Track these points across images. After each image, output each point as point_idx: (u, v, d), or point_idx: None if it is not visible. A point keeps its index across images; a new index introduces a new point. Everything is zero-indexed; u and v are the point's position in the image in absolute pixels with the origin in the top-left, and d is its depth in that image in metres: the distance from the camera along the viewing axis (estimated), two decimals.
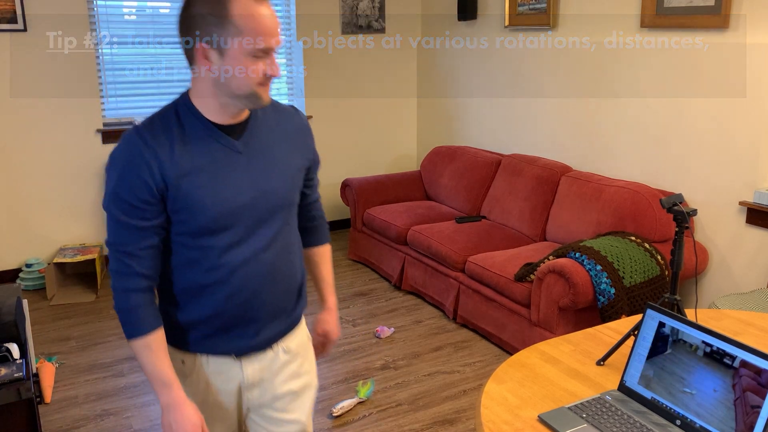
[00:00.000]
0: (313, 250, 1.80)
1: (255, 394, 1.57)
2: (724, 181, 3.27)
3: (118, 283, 1.38)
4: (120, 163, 1.34)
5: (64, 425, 2.81)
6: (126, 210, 1.34)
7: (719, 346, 1.40)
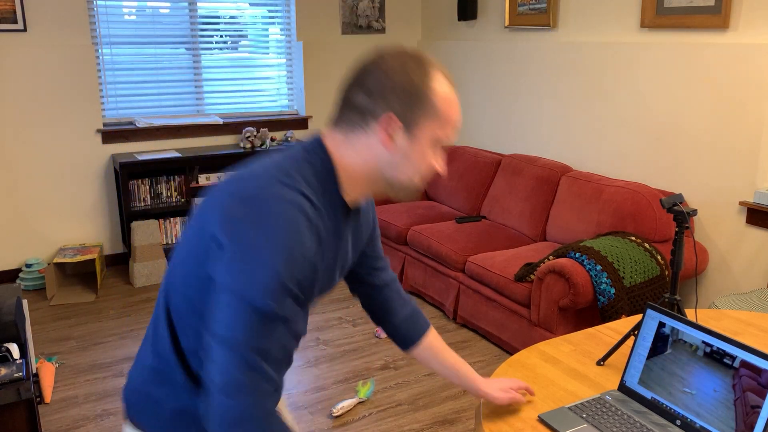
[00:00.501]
0: (426, 339, 1.48)
1: None
2: (724, 181, 3.27)
3: (250, 394, 1.01)
4: (284, 235, 1.02)
5: (64, 425, 2.81)
6: (283, 300, 1.03)
7: (719, 346, 1.40)
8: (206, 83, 4.92)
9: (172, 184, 4.56)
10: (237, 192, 1.07)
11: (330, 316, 3.88)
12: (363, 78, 1.12)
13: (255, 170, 1.12)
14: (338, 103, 1.17)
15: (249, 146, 4.76)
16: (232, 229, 1.03)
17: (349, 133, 1.14)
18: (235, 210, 1.04)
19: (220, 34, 4.89)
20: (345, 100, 1.14)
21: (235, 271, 1.01)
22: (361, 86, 1.12)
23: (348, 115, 1.13)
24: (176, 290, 1.13)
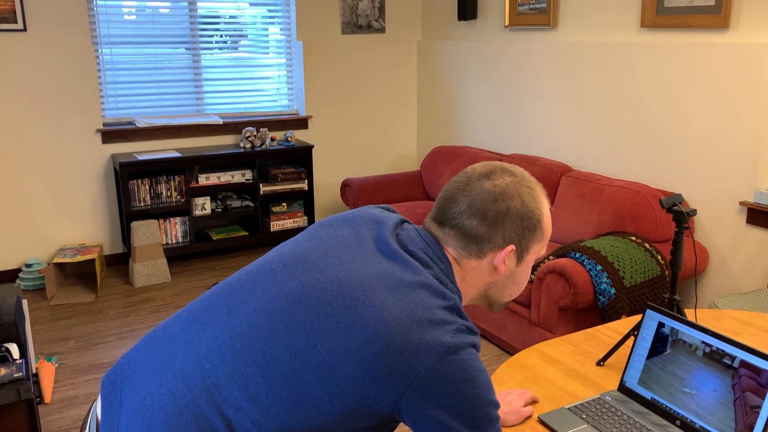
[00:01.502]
0: None
1: None
2: (724, 181, 3.27)
3: None
4: (484, 375, 1.00)
5: (64, 425, 2.81)
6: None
7: (719, 347, 1.39)
8: (206, 83, 4.92)
9: (172, 184, 4.56)
10: (434, 346, 0.96)
11: None
12: (475, 202, 1.10)
13: (430, 300, 1.01)
14: (442, 220, 1.13)
15: (249, 146, 4.76)
16: (446, 398, 0.96)
17: (462, 256, 1.12)
18: (444, 371, 0.96)
19: (220, 34, 4.89)
20: (455, 224, 1.11)
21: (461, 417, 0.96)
22: (475, 212, 1.09)
23: (460, 240, 1.11)
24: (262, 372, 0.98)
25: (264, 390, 0.97)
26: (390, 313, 0.97)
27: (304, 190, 4.97)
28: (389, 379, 0.94)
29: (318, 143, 5.31)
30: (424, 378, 0.94)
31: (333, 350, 0.95)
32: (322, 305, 0.99)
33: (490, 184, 1.10)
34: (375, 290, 1.00)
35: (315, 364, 0.95)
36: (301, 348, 0.97)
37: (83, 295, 4.20)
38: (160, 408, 1.01)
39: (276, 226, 4.95)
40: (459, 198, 1.11)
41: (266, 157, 4.80)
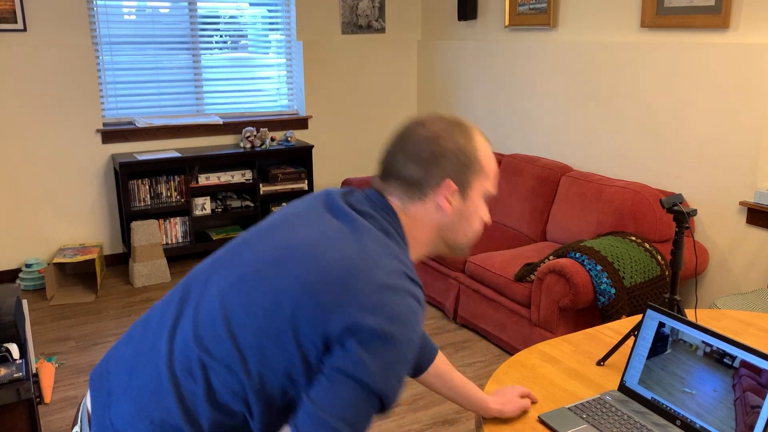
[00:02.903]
0: (435, 365, 1.53)
1: None
2: (724, 181, 3.27)
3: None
4: (414, 333, 1.03)
5: (64, 425, 2.80)
6: (398, 387, 1.04)
7: (719, 346, 1.39)
8: (206, 83, 4.92)
9: (172, 184, 4.56)
10: (384, 275, 1.02)
11: None
12: (411, 148, 1.15)
13: (381, 246, 1.07)
14: (385, 174, 1.18)
15: (249, 146, 4.76)
16: (392, 321, 1.00)
17: (407, 204, 1.16)
18: (393, 300, 1.01)
19: (220, 34, 4.89)
20: (395, 174, 1.16)
21: (381, 365, 1.00)
22: (411, 157, 1.15)
23: (402, 188, 1.16)
24: (239, 329, 1.05)
25: (230, 351, 1.04)
26: (334, 257, 1.03)
27: (304, 190, 4.97)
28: (323, 310, 0.99)
29: (318, 143, 5.31)
30: (376, 290, 1.00)
31: (276, 293, 1.03)
32: (273, 263, 1.06)
33: (424, 130, 1.16)
34: (322, 243, 1.06)
35: (266, 312, 1.02)
36: (256, 303, 1.04)
37: (83, 295, 4.20)
38: (145, 386, 1.08)
39: None
40: (396, 151, 1.17)
41: (266, 157, 4.80)
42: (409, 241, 1.17)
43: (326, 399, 0.99)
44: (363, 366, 0.98)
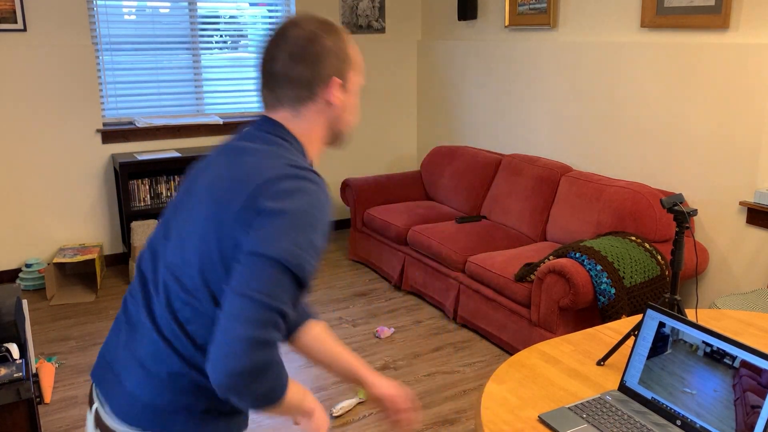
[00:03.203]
0: (310, 328, 1.56)
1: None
2: (724, 181, 3.27)
3: (266, 335, 1.06)
4: (325, 210, 1.16)
5: (64, 425, 2.81)
6: (309, 260, 1.12)
7: (719, 346, 1.39)
8: (206, 83, 4.92)
9: (172, 184, 4.56)
10: (274, 171, 1.15)
11: (330, 316, 3.88)
12: (293, 49, 1.22)
13: (271, 155, 1.19)
14: (271, 81, 1.25)
15: None
16: (282, 198, 1.11)
17: (298, 107, 1.25)
18: (282, 185, 1.13)
19: (220, 34, 4.89)
20: (283, 77, 1.23)
21: (281, 237, 1.09)
22: (296, 58, 1.22)
23: (292, 91, 1.24)
24: (187, 274, 1.17)
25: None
26: (236, 173, 1.17)
27: None
28: (233, 216, 1.13)
29: None
30: (267, 182, 1.13)
31: (203, 221, 1.17)
32: (196, 204, 1.21)
33: (301, 31, 1.23)
34: (227, 170, 1.20)
35: (204, 217, 1.17)
36: (191, 235, 1.19)
37: (83, 295, 4.20)
38: (146, 354, 1.21)
39: None
40: (277, 54, 1.23)
41: None
42: (304, 143, 1.27)
43: (242, 279, 1.07)
44: (268, 242, 1.08)
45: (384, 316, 3.87)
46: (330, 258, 4.89)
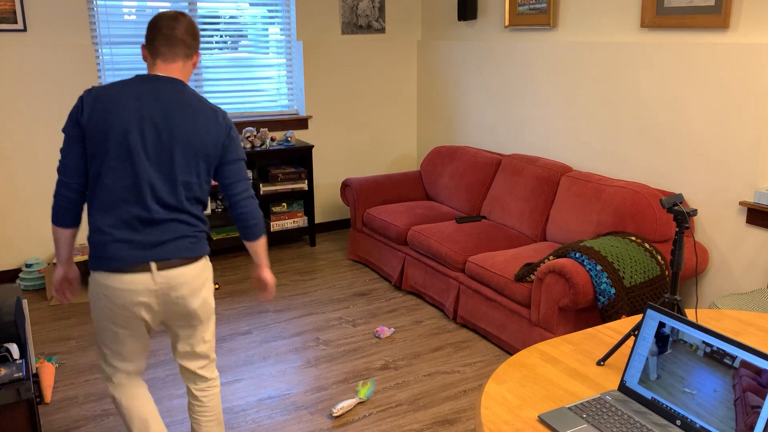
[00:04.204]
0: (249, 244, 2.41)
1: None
2: (724, 181, 3.27)
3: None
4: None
5: (64, 425, 2.81)
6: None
7: (719, 346, 1.40)
8: (206, 83, 4.92)
9: None
10: (220, 110, 2.10)
11: (330, 316, 3.88)
12: (188, 29, 2.04)
13: (202, 98, 2.08)
14: (174, 42, 2.01)
15: (249, 146, 4.76)
16: (233, 126, 2.12)
17: (186, 61, 2.07)
18: (227, 117, 2.13)
19: (220, 34, 4.89)
20: (181, 41, 2.02)
21: (239, 146, 2.13)
22: (189, 34, 2.04)
23: (183, 50, 2.04)
24: (197, 175, 2.05)
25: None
26: (206, 117, 2.07)
27: (304, 190, 4.97)
28: (213, 137, 2.05)
29: (318, 143, 5.31)
30: (228, 119, 2.11)
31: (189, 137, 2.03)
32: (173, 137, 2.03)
33: (187, 18, 2.05)
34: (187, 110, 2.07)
35: (190, 147, 2.01)
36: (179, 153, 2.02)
37: (83, 295, 4.20)
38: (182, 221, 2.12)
39: (276, 226, 4.95)
40: (177, 26, 2.02)
41: (266, 157, 4.80)
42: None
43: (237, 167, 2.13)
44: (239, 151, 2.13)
45: (384, 316, 3.88)
46: (330, 258, 4.89)
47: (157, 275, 1.98)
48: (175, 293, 2.03)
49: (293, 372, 3.24)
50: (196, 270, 2.06)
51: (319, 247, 5.14)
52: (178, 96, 1.99)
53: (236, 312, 3.93)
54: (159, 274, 1.99)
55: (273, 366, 3.30)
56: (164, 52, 1.99)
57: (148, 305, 2.03)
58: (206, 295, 2.12)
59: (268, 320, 3.82)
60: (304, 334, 3.64)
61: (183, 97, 2.00)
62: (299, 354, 3.42)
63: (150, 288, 2.00)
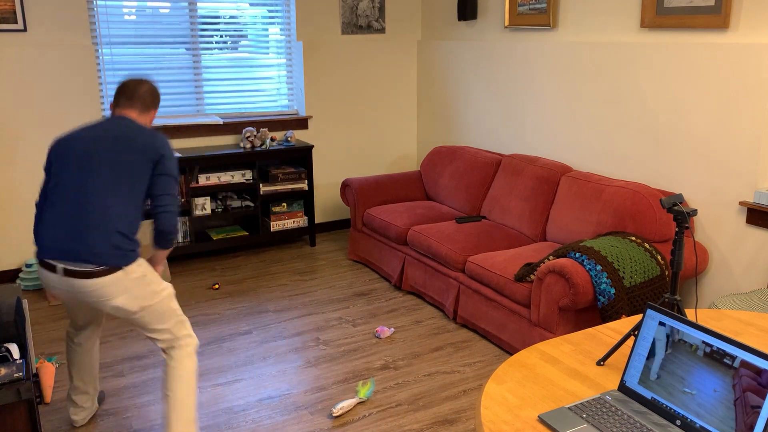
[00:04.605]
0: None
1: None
2: (724, 181, 3.27)
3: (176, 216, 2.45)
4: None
5: (64, 425, 2.81)
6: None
7: (719, 346, 1.40)
8: (206, 83, 4.92)
9: None
10: (161, 137, 2.44)
11: (330, 316, 3.88)
12: (147, 89, 2.52)
13: (145, 128, 2.46)
14: (134, 97, 2.48)
15: (249, 146, 4.76)
16: (166, 146, 2.44)
17: (143, 113, 2.52)
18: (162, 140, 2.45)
19: (220, 34, 4.89)
20: (140, 101, 2.49)
21: (173, 165, 2.42)
22: (148, 95, 2.52)
23: (141, 107, 2.50)
24: (124, 194, 2.34)
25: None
26: (146, 136, 2.44)
27: (304, 190, 4.97)
28: (150, 153, 2.38)
29: (318, 143, 5.31)
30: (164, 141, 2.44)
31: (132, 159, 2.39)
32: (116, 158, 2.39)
33: (149, 83, 2.53)
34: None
35: (128, 168, 2.36)
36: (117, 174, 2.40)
37: None
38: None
39: (276, 226, 4.95)
40: (140, 87, 2.50)
41: (266, 157, 4.80)
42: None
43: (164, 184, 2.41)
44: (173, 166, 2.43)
45: (384, 316, 3.88)
46: (330, 258, 4.89)
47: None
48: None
49: (293, 372, 3.24)
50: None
51: (319, 247, 5.14)
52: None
53: (236, 312, 3.94)
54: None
55: (273, 366, 3.30)
56: (122, 103, 2.48)
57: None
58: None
59: (268, 320, 3.82)
60: (304, 334, 3.64)
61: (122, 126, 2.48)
62: (299, 354, 3.42)
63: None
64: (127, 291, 2.31)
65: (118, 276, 2.28)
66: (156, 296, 2.40)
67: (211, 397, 3.02)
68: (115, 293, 2.29)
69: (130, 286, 2.32)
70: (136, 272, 2.33)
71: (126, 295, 2.31)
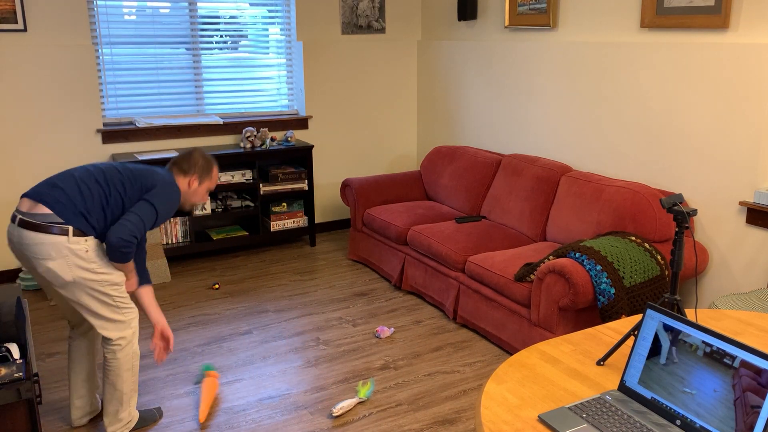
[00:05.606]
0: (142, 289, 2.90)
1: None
2: (724, 181, 3.27)
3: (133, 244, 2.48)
4: (177, 199, 2.65)
5: (64, 425, 2.81)
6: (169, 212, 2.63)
7: (719, 346, 1.40)
8: (206, 83, 4.92)
9: None
10: (167, 175, 2.63)
11: (330, 316, 3.88)
12: (186, 159, 2.73)
13: (158, 171, 2.65)
14: (183, 163, 2.71)
15: (249, 146, 4.76)
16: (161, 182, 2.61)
17: (179, 176, 2.70)
18: (166, 178, 2.62)
19: (220, 34, 4.89)
20: (178, 166, 2.71)
21: (161, 200, 2.53)
22: (186, 161, 2.72)
23: (179, 170, 2.70)
24: (117, 203, 2.50)
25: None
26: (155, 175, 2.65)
27: (304, 190, 4.97)
28: (140, 186, 2.55)
29: (318, 143, 5.31)
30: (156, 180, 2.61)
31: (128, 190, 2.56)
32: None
33: (199, 153, 2.76)
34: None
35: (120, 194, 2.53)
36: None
37: None
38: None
39: (276, 226, 4.95)
40: (188, 158, 2.72)
41: (266, 157, 4.80)
42: (181, 188, 2.72)
43: (139, 211, 2.49)
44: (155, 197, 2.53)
45: (384, 316, 3.88)
46: (330, 258, 4.89)
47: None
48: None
49: (293, 372, 3.24)
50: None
51: (319, 247, 5.14)
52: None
53: (236, 312, 3.94)
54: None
55: (273, 366, 3.30)
56: (177, 166, 2.72)
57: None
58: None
59: (268, 320, 3.82)
60: (304, 334, 3.64)
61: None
62: (299, 354, 3.42)
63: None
64: (63, 258, 2.36)
65: (60, 239, 2.35)
66: (92, 274, 2.43)
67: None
68: (51, 255, 2.35)
69: (68, 254, 2.37)
70: (79, 243, 2.38)
71: (61, 260, 2.36)
